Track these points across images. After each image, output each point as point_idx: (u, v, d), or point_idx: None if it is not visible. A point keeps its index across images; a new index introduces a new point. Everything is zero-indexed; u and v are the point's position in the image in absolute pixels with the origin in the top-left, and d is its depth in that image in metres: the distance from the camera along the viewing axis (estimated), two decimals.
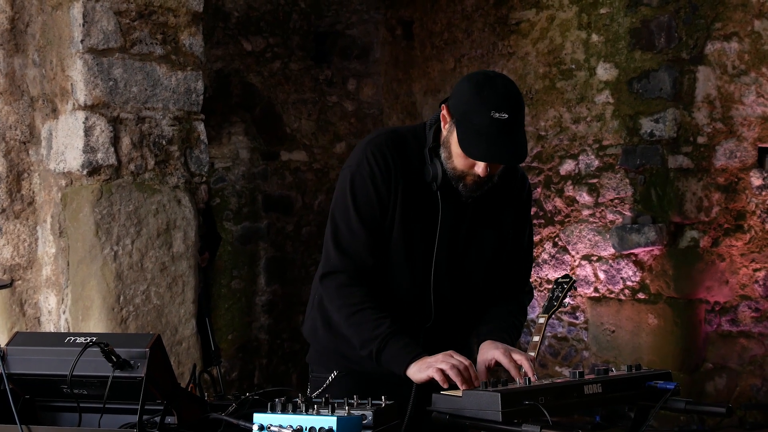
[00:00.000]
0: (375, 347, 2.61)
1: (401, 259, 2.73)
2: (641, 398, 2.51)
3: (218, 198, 8.36)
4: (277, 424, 2.03)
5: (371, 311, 2.65)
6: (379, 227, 2.71)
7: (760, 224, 6.85)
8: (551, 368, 7.47)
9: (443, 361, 2.50)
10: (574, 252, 7.34)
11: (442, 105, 2.68)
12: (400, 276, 2.75)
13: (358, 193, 2.71)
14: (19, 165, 4.82)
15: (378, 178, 2.69)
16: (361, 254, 2.70)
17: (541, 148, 7.59)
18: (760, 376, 6.90)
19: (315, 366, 2.93)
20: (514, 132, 2.55)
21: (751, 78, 6.80)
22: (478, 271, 2.83)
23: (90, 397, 2.29)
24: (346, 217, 2.72)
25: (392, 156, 2.70)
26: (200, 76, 4.74)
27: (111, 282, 4.44)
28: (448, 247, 2.76)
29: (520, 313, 2.92)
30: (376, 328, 2.62)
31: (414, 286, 2.76)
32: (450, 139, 2.64)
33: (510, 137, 2.54)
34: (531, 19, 7.70)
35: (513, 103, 2.55)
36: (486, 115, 2.52)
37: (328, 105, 8.67)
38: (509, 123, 2.52)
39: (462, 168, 2.64)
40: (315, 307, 2.91)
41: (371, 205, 2.70)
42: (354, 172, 2.72)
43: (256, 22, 8.27)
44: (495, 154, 2.57)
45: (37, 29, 4.75)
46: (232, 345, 8.31)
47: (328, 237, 2.75)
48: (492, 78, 2.61)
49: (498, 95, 2.54)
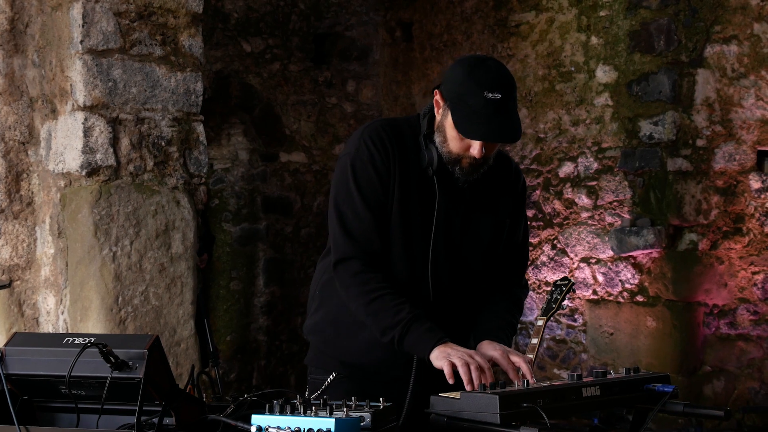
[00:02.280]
0: (397, 333, 2.61)
1: (399, 244, 2.74)
2: (639, 401, 2.51)
3: (217, 199, 8.35)
4: (276, 425, 2.03)
5: (390, 297, 2.66)
6: (383, 209, 2.73)
7: (758, 227, 6.85)
8: (549, 371, 7.47)
9: (459, 357, 2.50)
10: (572, 254, 7.35)
11: (435, 90, 2.72)
12: (398, 260, 2.75)
13: (359, 177, 2.72)
14: (18, 165, 4.82)
15: (377, 161, 2.72)
16: (370, 237, 2.72)
17: (540, 150, 7.59)
18: (759, 379, 6.90)
19: (314, 368, 2.93)
20: (508, 111, 2.60)
21: (750, 81, 6.81)
22: (475, 257, 2.83)
23: (88, 398, 2.28)
24: (350, 202, 2.73)
25: (389, 140, 2.74)
26: (199, 77, 4.74)
27: (110, 283, 4.44)
28: (445, 231, 2.77)
29: (516, 309, 2.94)
30: (396, 314, 2.63)
31: (412, 269, 2.76)
32: (445, 123, 2.68)
33: (505, 116, 2.60)
34: (530, 22, 7.70)
35: (505, 83, 2.61)
36: (480, 95, 2.58)
37: (327, 106, 8.67)
38: (503, 102, 2.58)
39: (458, 151, 2.67)
40: (316, 304, 2.91)
41: (374, 188, 2.72)
42: (354, 158, 2.74)
43: (256, 24, 8.28)
44: (491, 133, 2.61)
45: (36, 30, 4.75)
46: (231, 346, 8.30)
47: (335, 224, 2.75)
48: (483, 60, 2.67)
49: (490, 76, 2.60)
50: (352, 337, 2.79)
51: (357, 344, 2.79)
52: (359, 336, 2.78)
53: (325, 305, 2.89)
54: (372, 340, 2.72)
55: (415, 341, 2.60)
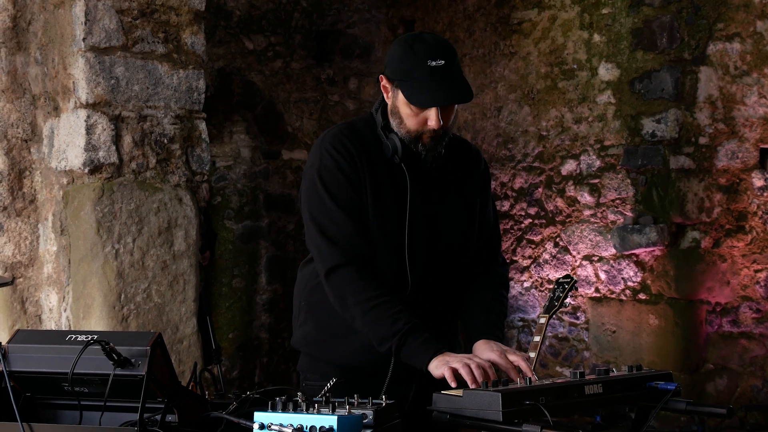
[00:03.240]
0: (395, 344, 2.60)
1: (378, 236, 2.73)
2: (642, 399, 2.50)
3: (219, 197, 8.35)
4: (278, 422, 2.03)
5: (387, 305, 2.64)
6: (361, 212, 2.72)
7: (761, 225, 6.84)
8: (552, 368, 7.47)
9: (459, 360, 2.50)
10: (575, 252, 7.34)
11: (380, 77, 2.79)
12: (378, 251, 2.74)
13: (329, 185, 2.72)
14: (20, 163, 4.83)
15: (344, 165, 2.72)
16: (354, 242, 2.70)
17: (543, 148, 7.59)
18: (761, 377, 6.90)
19: (308, 374, 2.90)
20: (454, 75, 2.65)
21: (753, 79, 6.80)
22: (452, 240, 2.83)
23: (91, 395, 2.29)
24: (326, 211, 2.72)
25: (350, 142, 2.75)
26: (202, 74, 4.74)
27: (112, 280, 4.44)
28: (422, 216, 2.77)
29: (503, 290, 2.96)
30: (394, 323, 2.61)
31: (390, 258, 2.75)
32: (397, 103, 2.72)
33: (453, 80, 2.65)
34: (533, 19, 7.70)
35: (445, 50, 2.68)
36: (424, 66, 2.64)
37: (329, 104, 8.67)
38: (447, 68, 2.64)
39: (416, 127, 2.70)
40: (303, 314, 2.90)
41: (346, 193, 2.72)
42: (319, 168, 2.74)
43: (258, 21, 8.27)
44: (444, 97, 2.66)
45: (39, 27, 4.75)
46: (233, 344, 8.31)
47: (316, 236, 2.73)
48: (418, 34, 2.75)
49: (429, 46, 2.67)
50: (347, 340, 2.78)
51: (352, 347, 2.78)
52: (353, 339, 2.76)
53: (313, 314, 2.87)
54: (367, 341, 2.70)
55: (412, 352, 2.59)
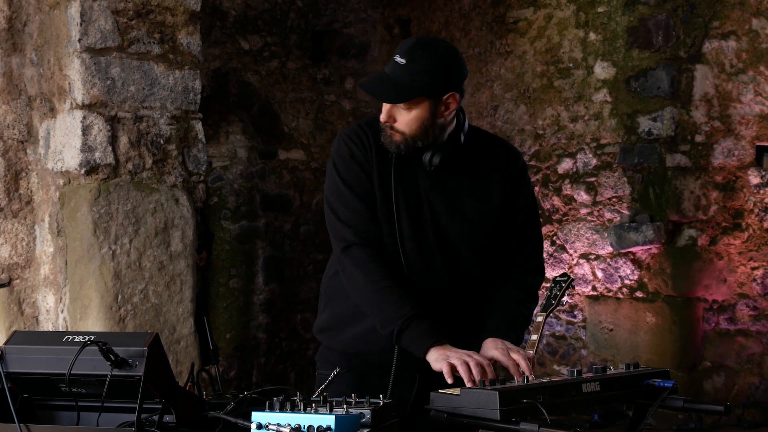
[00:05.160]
0: (397, 327, 2.60)
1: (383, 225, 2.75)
2: (639, 396, 2.50)
3: (216, 197, 8.36)
4: (276, 422, 2.03)
5: (394, 289, 2.65)
6: (373, 199, 2.75)
7: (758, 223, 6.85)
8: (549, 367, 7.47)
9: (458, 357, 2.50)
10: (572, 250, 7.35)
11: None
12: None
13: (343, 173, 2.77)
14: (16, 164, 4.82)
15: (357, 155, 2.77)
16: (367, 225, 2.73)
17: (539, 146, 7.59)
18: (758, 375, 6.91)
19: (320, 363, 2.94)
20: (405, 76, 2.64)
21: (749, 76, 6.81)
22: (463, 241, 2.79)
23: (88, 396, 2.28)
24: (341, 197, 2.77)
25: (365, 135, 2.79)
26: (198, 75, 4.73)
27: (109, 281, 4.43)
28: (421, 212, 2.77)
29: (528, 298, 2.86)
30: (399, 307, 2.62)
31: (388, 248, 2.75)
32: None
33: (397, 78, 2.65)
34: (528, 18, 7.70)
35: (415, 53, 2.65)
36: (391, 59, 2.68)
37: (325, 104, 8.67)
38: (404, 67, 2.64)
39: (382, 121, 2.73)
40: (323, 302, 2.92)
41: (360, 180, 2.76)
42: (335, 157, 2.81)
43: (254, 21, 8.27)
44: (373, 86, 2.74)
45: (34, 28, 4.74)
46: (231, 344, 8.31)
47: (331, 218, 2.78)
48: (420, 37, 2.75)
49: (405, 44, 2.69)
50: (354, 325, 2.79)
51: (358, 332, 2.79)
52: (359, 324, 2.77)
53: (331, 302, 2.89)
54: (372, 327, 2.71)
55: (412, 338, 2.59)
